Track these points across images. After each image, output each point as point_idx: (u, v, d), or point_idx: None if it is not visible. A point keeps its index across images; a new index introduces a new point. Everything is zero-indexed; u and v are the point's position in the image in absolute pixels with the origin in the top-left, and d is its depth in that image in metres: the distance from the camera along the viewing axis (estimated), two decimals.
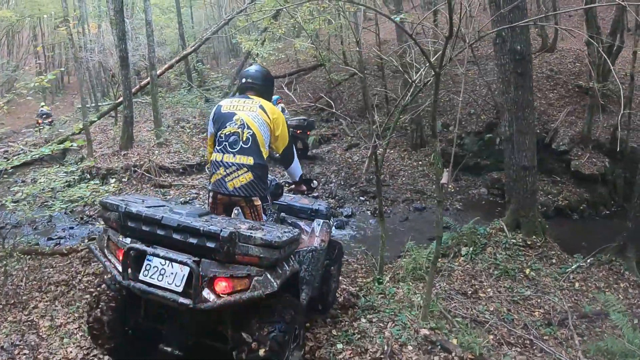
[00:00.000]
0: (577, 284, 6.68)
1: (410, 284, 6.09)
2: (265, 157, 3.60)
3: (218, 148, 3.60)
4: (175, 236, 2.94)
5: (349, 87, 20.88)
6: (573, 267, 6.91)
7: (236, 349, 3.03)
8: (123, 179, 11.37)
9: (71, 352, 3.95)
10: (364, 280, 6.20)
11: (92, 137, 14.51)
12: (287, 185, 4.50)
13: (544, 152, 12.07)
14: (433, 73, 5.35)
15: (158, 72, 17.23)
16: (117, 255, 3.11)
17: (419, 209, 11.33)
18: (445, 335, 4.54)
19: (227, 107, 3.69)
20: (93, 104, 21.48)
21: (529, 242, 7.19)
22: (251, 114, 3.59)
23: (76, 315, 4.52)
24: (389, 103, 16.78)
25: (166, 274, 2.94)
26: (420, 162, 14.21)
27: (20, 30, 34.14)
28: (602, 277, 6.86)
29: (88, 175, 11.54)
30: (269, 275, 2.90)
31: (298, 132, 12.97)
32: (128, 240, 3.09)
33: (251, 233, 2.89)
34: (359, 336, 4.35)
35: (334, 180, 12.51)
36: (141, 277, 2.98)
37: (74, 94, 28.17)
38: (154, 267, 2.97)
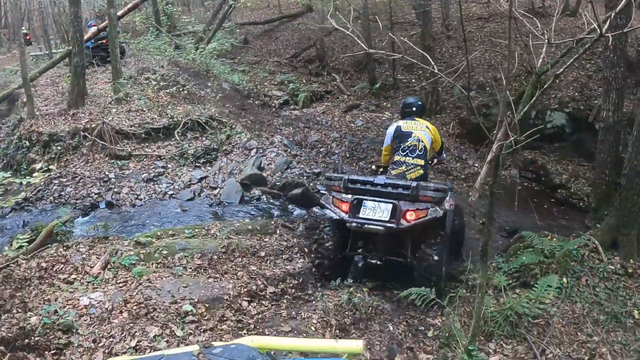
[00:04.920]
0: None
1: (505, 345, 4.13)
2: (428, 159, 5.85)
3: (402, 153, 5.67)
4: (382, 189, 5.16)
5: (341, 37, 18.18)
6: None
7: (413, 261, 5.25)
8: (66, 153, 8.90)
9: None
10: (438, 350, 4.19)
11: (40, 92, 11.88)
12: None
13: (587, 132, 10.34)
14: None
15: (120, 13, 14.41)
16: (339, 206, 5.30)
17: None
18: None
19: (405, 127, 5.78)
20: (47, 52, 18.42)
21: (629, 270, 5.28)
22: (423, 132, 5.73)
23: None
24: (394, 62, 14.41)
25: (377, 211, 5.14)
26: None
27: None
28: None
29: (27, 142, 9.04)
30: (437, 208, 5.01)
31: (105, 41, 14.42)
32: (349, 196, 5.26)
33: (427, 184, 5.29)
34: None
35: (337, 151, 10.13)
36: (360, 215, 5.18)
37: (34, 40, 24.94)
38: (368, 209, 5.18)
